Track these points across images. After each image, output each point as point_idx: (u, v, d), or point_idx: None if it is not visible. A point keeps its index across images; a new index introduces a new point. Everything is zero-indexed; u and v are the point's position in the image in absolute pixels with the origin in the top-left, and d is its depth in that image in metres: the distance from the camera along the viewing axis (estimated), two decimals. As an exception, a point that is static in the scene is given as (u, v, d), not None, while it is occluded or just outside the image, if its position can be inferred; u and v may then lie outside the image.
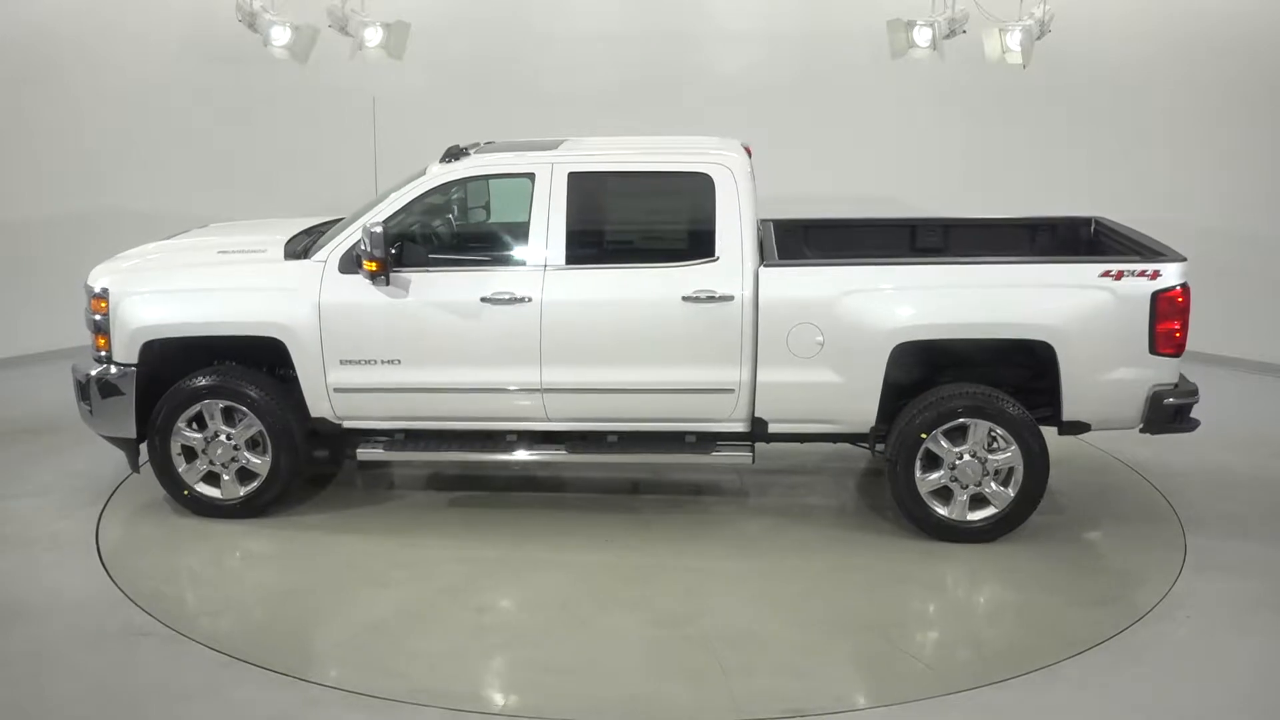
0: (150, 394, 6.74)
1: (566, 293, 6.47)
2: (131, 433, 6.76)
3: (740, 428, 6.59)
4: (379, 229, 6.30)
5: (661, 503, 7.25)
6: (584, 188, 6.65)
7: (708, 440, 6.68)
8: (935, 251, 7.64)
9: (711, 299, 6.38)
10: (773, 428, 6.58)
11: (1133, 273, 6.24)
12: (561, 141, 7.09)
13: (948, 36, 9.72)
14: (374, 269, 6.36)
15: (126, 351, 6.71)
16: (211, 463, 6.78)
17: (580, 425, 6.68)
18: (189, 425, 6.74)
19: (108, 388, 6.72)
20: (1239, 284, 9.98)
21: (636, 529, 6.78)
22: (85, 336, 9.60)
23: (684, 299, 6.39)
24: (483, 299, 6.49)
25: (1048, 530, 6.74)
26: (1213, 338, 9.78)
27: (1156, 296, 6.20)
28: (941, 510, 6.48)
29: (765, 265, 6.45)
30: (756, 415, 6.52)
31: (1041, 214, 7.96)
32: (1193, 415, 6.44)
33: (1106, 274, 6.26)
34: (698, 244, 6.53)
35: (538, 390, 6.54)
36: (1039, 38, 9.38)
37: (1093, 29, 10.39)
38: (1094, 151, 10.63)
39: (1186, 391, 6.40)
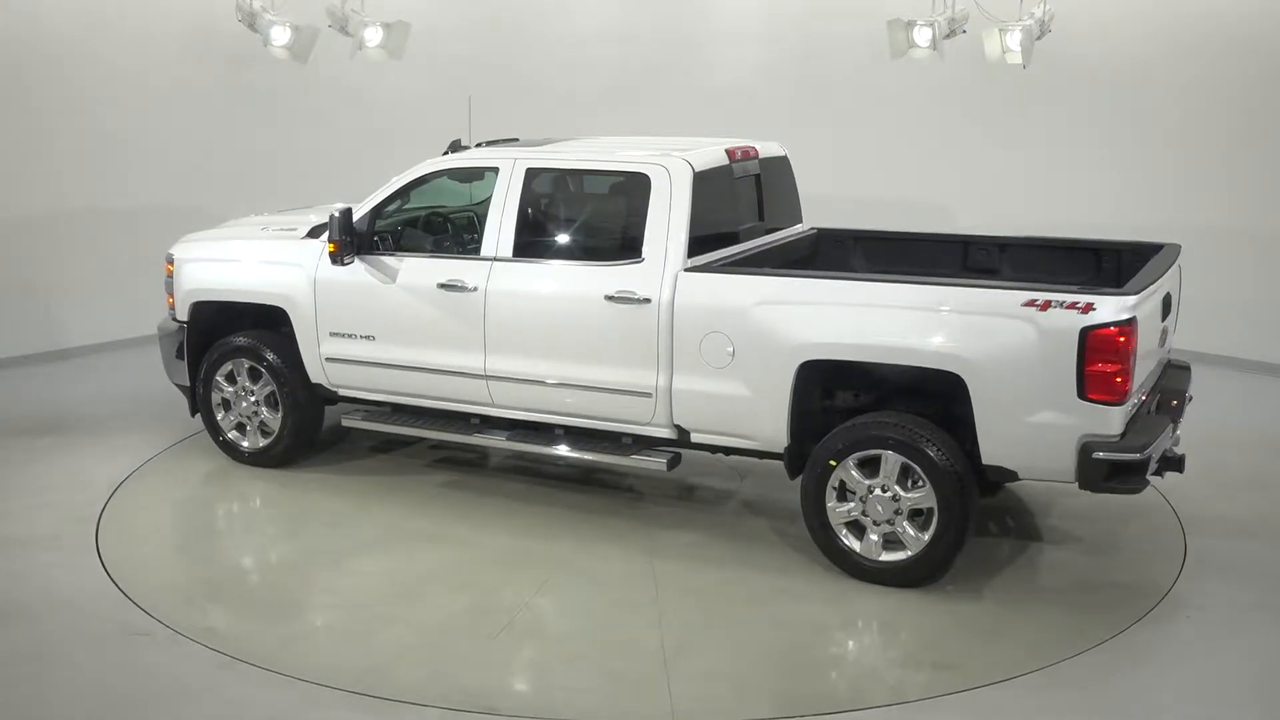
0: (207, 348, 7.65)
1: (507, 284, 6.62)
2: (187, 380, 7.70)
3: (665, 433, 6.42)
4: (337, 213, 6.84)
5: (627, 501, 7.17)
6: (539, 184, 6.86)
7: (642, 443, 6.58)
8: (988, 272, 7.15)
9: (631, 300, 6.29)
10: (694, 437, 6.36)
11: (1061, 304, 5.43)
12: (555, 140, 7.22)
13: (948, 36, 9.74)
14: (332, 250, 6.89)
15: (182, 310, 7.66)
16: (240, 415, 7.55)
17: (522, 415, 6.79)
18: (225, 380, 7.56)
19: (172, 341, 7.72)
20: (1239, 284, 9.99)
21: (572, 522, 6.76)
22: (85, 336, 9.79)
23: (606, 298, 6.34)
24: (439, 285, 6.74)
25: (1046, 530, 6.74)
26: (1213, 338, 9.79)
27: (1086, 333, 5.37)
28: (855, 545, 5.95)
29: (686, 269, 6.22)
30: (676, 422, 6.36)
31: (1116, 238, 7.19)
32: (1148, 476, 5.54)
33: (1031, 303, 5.48)
34: (628, 244, 6.46)
35: (483, 377, 6.72)
36: (1039, 38, 9.39)
37: (1093, 29, 10.40)
38: (1094, 151, 10.63)
39: (1129, 447, 5.48)
